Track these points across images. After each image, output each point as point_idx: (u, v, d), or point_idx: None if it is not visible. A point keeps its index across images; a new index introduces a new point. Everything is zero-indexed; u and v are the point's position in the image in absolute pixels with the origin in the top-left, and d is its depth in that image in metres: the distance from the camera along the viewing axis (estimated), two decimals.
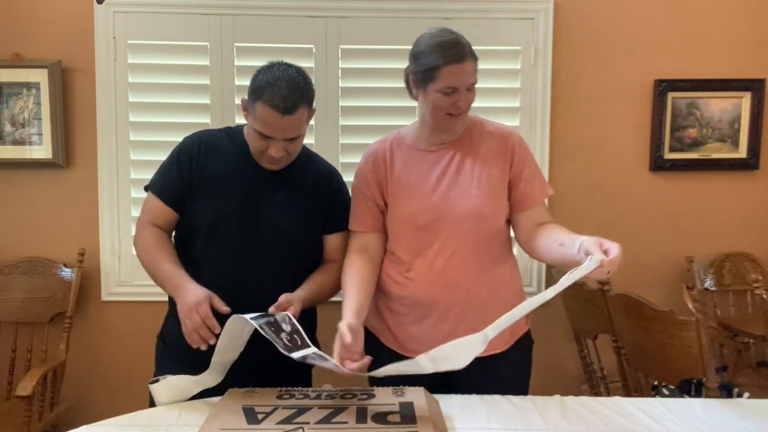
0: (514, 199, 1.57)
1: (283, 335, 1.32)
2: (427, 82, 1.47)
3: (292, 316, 1.38)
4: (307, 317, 1.61)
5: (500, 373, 1.55)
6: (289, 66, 1.44)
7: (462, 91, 1.46)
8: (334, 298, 1.64)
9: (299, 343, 1.33)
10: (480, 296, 1.51)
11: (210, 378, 1.41)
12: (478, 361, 1.29)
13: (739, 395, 1.47)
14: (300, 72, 1.44)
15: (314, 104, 1.49)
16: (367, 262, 1.57)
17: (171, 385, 1.37)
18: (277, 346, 1.28)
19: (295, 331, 1.35)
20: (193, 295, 1.37)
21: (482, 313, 1.46)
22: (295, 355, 1.28)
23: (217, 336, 1.36)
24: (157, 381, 1.37)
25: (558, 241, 1.42)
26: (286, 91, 1.37)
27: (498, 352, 1.54)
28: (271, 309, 1.38)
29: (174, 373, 1.38)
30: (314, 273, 1.60)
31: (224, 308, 1.38)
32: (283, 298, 1.41)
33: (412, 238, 1.53)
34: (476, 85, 1.52)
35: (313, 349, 1.33)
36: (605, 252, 1.24)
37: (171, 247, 1.53)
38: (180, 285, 1.42)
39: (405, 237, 1.55)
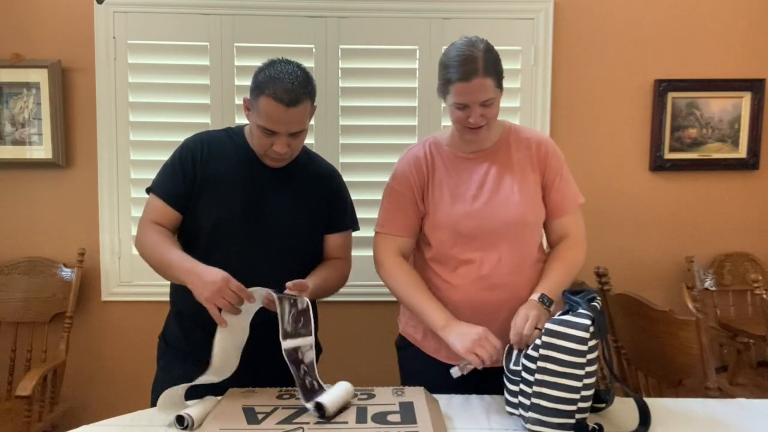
0: (546, 206, 1.58)
1: (292, 316, 1.33)
2: (445, 94, 1.48)
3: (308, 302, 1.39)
4: None
5: None
6: (290, 62, 1.45)
7: (474, 108, 1.43)
8: (332, 298, 1.64)
9: (302, 326, 1.34)
10: (522, 297, 1.50)
11: (225, 368, 1.37)
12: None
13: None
14: (301, 67, 1.45)
15: (315, 101, 1.50)
16: (410, 266, 1.58)
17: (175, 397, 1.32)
18: (281, 324, 1.30)
19: (306, 317, 1.36)
20: (215, 273, 1.34)
21: None
22: (288, 344, 1.30)
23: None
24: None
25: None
26: (289, 84, 1.38)
27: None
28: (290, 286, 1.37)
29: (177, 374, 1.38)
30: (319, 267, 1.59)
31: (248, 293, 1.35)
32: (298, 282, 1.39)
33: (456, 244, 1.52)
34: None
35: (312, 341, 1.35)
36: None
37: (176, 241, 1.52)
38: (193, 267, 1.37)
39: (448, 243, 1.53)
